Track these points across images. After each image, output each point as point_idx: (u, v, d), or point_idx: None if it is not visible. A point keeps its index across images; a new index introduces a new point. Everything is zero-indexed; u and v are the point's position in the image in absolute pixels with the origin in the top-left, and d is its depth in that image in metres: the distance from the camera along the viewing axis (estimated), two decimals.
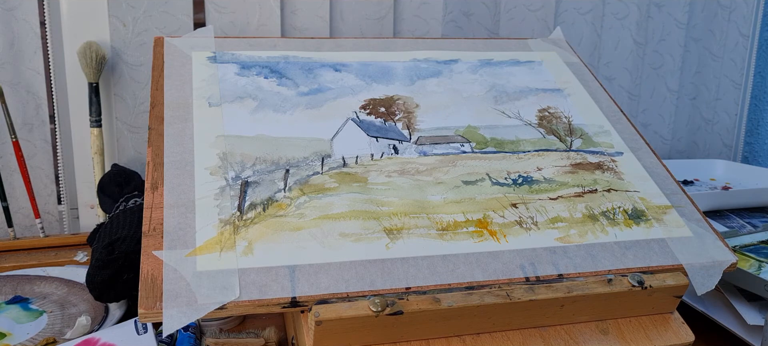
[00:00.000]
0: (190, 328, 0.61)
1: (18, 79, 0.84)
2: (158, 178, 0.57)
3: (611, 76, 1.13)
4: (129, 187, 0.77)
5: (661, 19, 1.14)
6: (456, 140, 0.68)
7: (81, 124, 0.87)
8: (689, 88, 1.21)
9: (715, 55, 1.20)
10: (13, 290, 0.72)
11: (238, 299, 0.48)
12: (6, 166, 0.85)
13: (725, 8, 1.18)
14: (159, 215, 0.53)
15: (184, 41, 0.74)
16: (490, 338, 0.50)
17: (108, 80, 0.87)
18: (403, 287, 0.51)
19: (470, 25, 1.03)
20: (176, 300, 0.47)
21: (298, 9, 0.93)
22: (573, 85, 0.80)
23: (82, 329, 0.63)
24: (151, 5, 0.86)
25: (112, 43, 0.86)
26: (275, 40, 0.78)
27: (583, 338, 0.52)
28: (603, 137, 0.72)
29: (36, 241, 0.83)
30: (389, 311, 0.47)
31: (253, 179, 0.59)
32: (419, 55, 0.80)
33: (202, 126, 0.63)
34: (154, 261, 0.49)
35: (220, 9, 0.89)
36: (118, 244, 0.63)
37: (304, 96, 0.71)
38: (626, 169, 0.68)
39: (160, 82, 0.68)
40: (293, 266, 0.51)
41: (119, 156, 0.89)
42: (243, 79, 0.71)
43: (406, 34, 0.99)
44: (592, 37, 1.09)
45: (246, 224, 0.54)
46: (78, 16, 0.84)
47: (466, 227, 0.57)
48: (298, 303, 0.48)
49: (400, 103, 0.72)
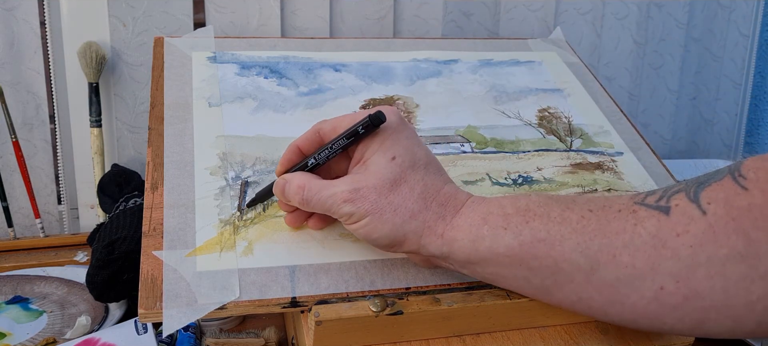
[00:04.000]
0: (190, 328, 0.61)
1: (18, 79, 0.84)
2: (158, 178, 0.57)
3: (611, 76, 1.13)
4: (129, 187, 0.77)
5: (661, 19, 1.14)
6: (456, 140, 0.68)
7: (81, 124, 0.86)
8: (689, 88, 1.21)
9: (715, 55, 1.20)
10: (13, 290, 0.72)
11: (238, 300, 0.48)
12: (6, 166, 0.85)
13: (725, 8, 1.18)
14: (159, 215, 0.53)
15: (184, 41, 0.74)
16: (490, 338, 0.50)
17: (108, 80, 0.87)
18: (403, 287, 0.51)
19: (470, 25, 1.03)
20: (176, 300, 0.47)
21: (298, 9, 0.93)
22: (573, 85, 0.80)
23: (82, 329, 0.63)
24: (151, 5, 0.86)
25: (112, 43, 0.86)
26: (275, 41, 0.78)
27: (583, 338, 0.52)
28: (603, 137, 0.72)
29: (36, 241, 0.83)
30: (389, 311, 0.47)
31: (253, 179, 0.59)
32: (419, 55, 0.80)
33: (202, 126, 0.63)
34: (154, 261, 0.49)
35: (220, 9, 0.89)
36: (118, 244, 0.63)
37: (304, 96, 0.71)
38: (626, 169, 0.68)
39: (160, 82, 0.68)
40: (293, 266, 0.51)
41: (119, 156, 0.89)
42: (243, 80, 0.71)
43: (406, 34, 0.99)
44: (592, 37, 1.09)
45: (246, 224, 0.54)
46: (78, 16, 0.84)
47: None
48: (298, 303, 0.48)
49: (400, 103, 0.72)
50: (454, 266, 0.48)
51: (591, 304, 0.44)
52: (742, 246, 0.37)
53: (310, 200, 0.48)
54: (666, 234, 0.40)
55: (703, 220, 0.39)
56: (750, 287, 0.37)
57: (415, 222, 0.46)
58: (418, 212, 0.46)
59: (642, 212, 0.42)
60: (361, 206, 0.45)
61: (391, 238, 0.46)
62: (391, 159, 0.47)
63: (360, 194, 0.45)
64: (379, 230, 0.46)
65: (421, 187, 0.47)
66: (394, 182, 0.46)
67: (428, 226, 0.46)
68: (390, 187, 0.46)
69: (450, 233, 0.46)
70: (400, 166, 0.47)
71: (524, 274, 0.45)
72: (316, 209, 0.48)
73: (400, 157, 0.47)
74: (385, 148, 0.47)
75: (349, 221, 0.47)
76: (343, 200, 0.46)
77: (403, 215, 0.46)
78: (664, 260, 0.39)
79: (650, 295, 0.40)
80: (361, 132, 0.47)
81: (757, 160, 0.40)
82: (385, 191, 0.46)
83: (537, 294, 0.47)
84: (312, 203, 0.48)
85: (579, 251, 0.42)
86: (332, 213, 0.47)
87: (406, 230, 0.46)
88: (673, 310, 0.40)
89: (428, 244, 0.47)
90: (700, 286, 0.39)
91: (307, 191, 0.48)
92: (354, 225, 0.46)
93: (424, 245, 0.47)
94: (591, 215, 0.43)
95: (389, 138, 0.47)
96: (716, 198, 0.39)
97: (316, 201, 0.47)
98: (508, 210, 0.45)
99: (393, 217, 0.45)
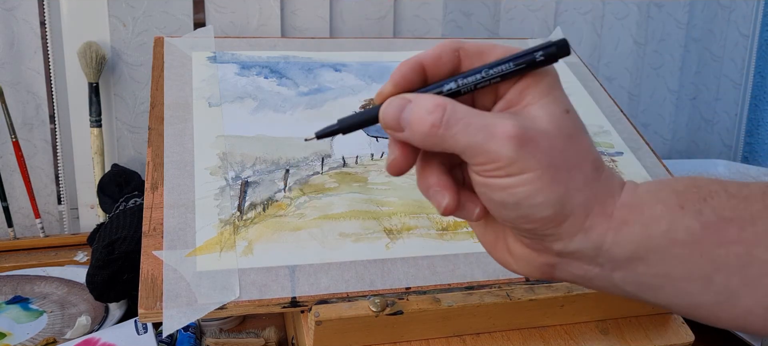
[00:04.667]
0: (190, 328, 0.61)
1: (18, 79, 0.84)
2: (158, 178, 0.57)
3: (611, 76, 1.13)
4: (129, 187, 0.77)
5: (661, 19, 1.14)
6: None
7: (81, 124, 0.87)
8: (689, 88, 1.21)
9: (715, 55, 1.20)
10: (13, 290, 0.72)
11: (238, 299, 0.48)
12: (6, 166, 0.85)
13: (725, 8, 1.18)
14: (159, 215, 0.53)
15: (184, 41, 0.74)
16: (490, 338, 0.50)
17: (108, 80, 0.87)
18: (403, 287, 0.51)
19: (470, 25, 1.03)
20: (176, 300, 0.47)
21: (298, 9, 0.93)
22: (573, 85, 0.80)
23: (82, 329, 0.63)
24: (151, 5, 0.86)
25: (112, 43, 0.86)
26: (275, 40, 0.78)
27: (583, 338, 0.52)
28: (603, 137, 0.72)
29: (36, 241, 0.83)
30: (389, 311, 0.47)
31: (253, 179, 0.59)
32: None
33: (202, 126, 0.63)
34: (154, 261, 0.49)
35: (220, 9, 0.89)
36: (118, 244, 0.63)
37: (304, 96, 0.71)
38: (626, 169, 0.68)
39: (160, 82, 0.68)
40: (293, 266, 0.51)
41: (119, 156, 0.89)
42: (243, 79, 0.71)
43: (406, 34, 0.99)
44: (592, 37, 1.09)
45: (246, 224, 0.54)
46: (78, 16, 0.84)
47: (465, 226, 0.57)
48: (298, 303, 0.48)
49: None
50: (602, 269, 0.36)
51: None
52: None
53: (455, 125, 0.34)
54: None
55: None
56: None
57: (587, 193, 0.35)
58: (593, 181, 0.35)
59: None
60: (532, 153, 0.33)
61: (558, 208, 0.34)
62: (565, 111, 0.35)
63: (531, 136, 0.33)
64: (545, 193, 0.33)
65: (595, 153, 0.36)
66: (570, 137, 0.34)
67: (600, 201, 0.35)
68: (565, 141, 0.34)
69: (620, 213, 0.35)
70: (575, 122, 0.35)
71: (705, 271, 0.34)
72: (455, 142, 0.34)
73: (574, 112, 0.35)
74: (555, 96, 0.35)
75: (503, 171, 0.33)
76: (508, 137, 0.33)
77: (578, 180, 0.34)
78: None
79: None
80: (539, 58, 0.34)
81: None
82: (560, 144, 0.34)
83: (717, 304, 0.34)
84: (454, 130, 0.34)
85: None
86: (479, 155, 0.34)
87: (576, 201, 0.34)
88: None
89: (596, 225, 0.35)
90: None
91: (449, 112, 0.34)
92: (510, 179, 0.33)
93: (587, 229, 0.35)
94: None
95: (558, 87, 0.36)
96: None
97: (462, 127, 0.34)
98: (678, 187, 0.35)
99: (568, 178, 0.34)
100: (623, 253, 0.35)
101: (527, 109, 0.35)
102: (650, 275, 0.35)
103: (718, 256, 0.33)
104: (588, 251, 0.35)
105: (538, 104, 0.35)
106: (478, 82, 0.35)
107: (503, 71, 0.35)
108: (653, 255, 0.34)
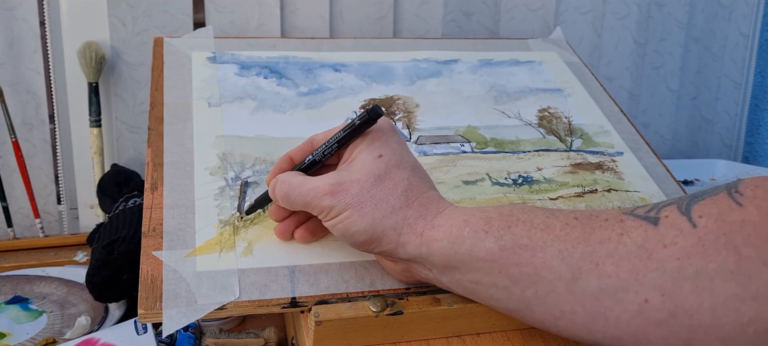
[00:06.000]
0: (190, 328, 0.61)
1: (18, 79, 0.84)
2: (158, 178, 0.57)
3: (611, 76, 1.13)
4: (129, 187, 0.77)
5: (662, 19, 1.14)
6: (456, 140, 0.68)
7: (81, 124, 0.87)
8: (689, 88, 1.21)
9: (715, 55, 1.20)
10: (13, 290, 0.72)
11: (238, 300, 0.48)
12: (5, 166, 0.85)
13: (725, 8, 1.18)
14: (159, 215, 0.53)
15: (184, 41, 0.74)
16: (490, 338, 0.50)
17: (108, 80, 0.87)
18: (403, 287, 0.51)
19: (470, 24, 1.03)
20: (176, 300, 0.47)
21: (298, 9, 0.93)
22: (573, 85, 0.80)
23: (81, 329, 0.63)
24: (151, 5, 0.86)
25: (112, 43, 0.86)
26: (275, 41, 0.78)
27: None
28: (603, 137, 0.72)
29: (36, 241, 0.83)
30: (389, 311, 0.47)
31: (253, 179, 0.59)
32: (419, 55, 0.80)
33: (201, 126, 0.63)
34: (154, 261, 0.49)
35: (220, 9, 0.89)
36: (118, 244, 0.63)
37: (303, 96, 0.71)
38: (626, 169, 0.68)
39: (160, 82, 0.68)
40: (293, 266, 0.51)
41: (119, 156, 0.89)
42: (243, 80, 0.71)
43: (406, 34, 0.99)
44: (592, 37, 1.09)
45: (246, 224, 0.54)
46: (78, 16, 0.84)
47: None
48: (298, 303, 0.48)
49: (400, 103, 0.72)
50: (433, 273, 0.46)
51: (574, 319, 0.41)
52: (733, 262, 0.35)
53: (291, 194, 0.47)
54: (652, 245, 0.38)
55: (692, 233, 0.37)
56: (740, 308, 0.35)
57: (396, 218, 0.45)
58: (400, 209, 0.45)
59: (629, 222, 0.40)
60: (342, 199, 0.45)
61: (370, 233, 0.45)
62: (377, 156, 0.46)
63: (342, 188, 0.45)
64: (357, 224, 0.45)
65: (406, 185, 0.46)
66: (379, 177, 0.46)
67: (408, 223, 0.45)
68: (374, 181, 0.45)
69: (430, 232, 0.45)
70: (386, 163, 0.46)
71: (505, 283, 0.43)
72: (297, 204, 0.47)
73: (387, 156, 0.47)
74: (373, 147, 0.47)
75: (328, 216, 0.46)
76: (324, 193, 0.45)
77: (383, 209, 0.45)
78: (650, 272, 0.37)
79: (634, 308, 0.38)
80: (357, 123, 0.47)
81: (756, 179, 0.38)
82: (368, 185, 0.45)
83: (518, 309, 0.44)
84: (292, 197, 0.47)
85: (561, 258, 0.40)
86: (313, 208, 0.46)
87: (385, 225, 0.45)
88: (657, 326, 0.38)
89: (407, 243, 0.45)
90: (686, 302, 0.36)
91: (288, 186, 0.47)
92: (333, 220, 0.45)
93: (403, 244, 0.45)
94: (576, 223, 0.41)
95: (378, 139, 0.47)
96: (708, 212, 0.37)
97: (297, 195, 0.47)
98: (491, 215, 0.44)
99: (373, 211, 0.45)
100: (439, 261, 0.45)
101: (352, 162, 0.47)
102: (466, 281, 0.45)
103: (513, 273, 0.42)
104: (418, 259, 0.46)
105: (359, 157, 0.47)
106: (324, 152, 0.49)
107: (337, 139, 0.48)
108: (463, 266, 0.44)
